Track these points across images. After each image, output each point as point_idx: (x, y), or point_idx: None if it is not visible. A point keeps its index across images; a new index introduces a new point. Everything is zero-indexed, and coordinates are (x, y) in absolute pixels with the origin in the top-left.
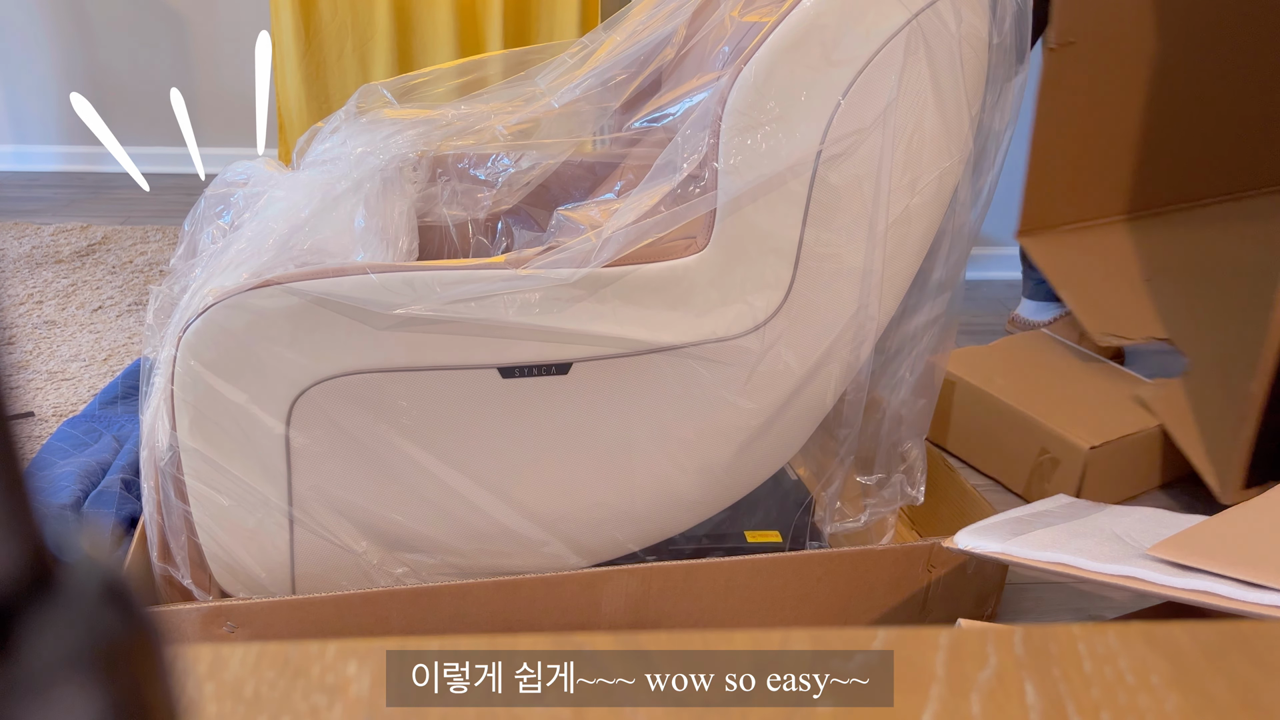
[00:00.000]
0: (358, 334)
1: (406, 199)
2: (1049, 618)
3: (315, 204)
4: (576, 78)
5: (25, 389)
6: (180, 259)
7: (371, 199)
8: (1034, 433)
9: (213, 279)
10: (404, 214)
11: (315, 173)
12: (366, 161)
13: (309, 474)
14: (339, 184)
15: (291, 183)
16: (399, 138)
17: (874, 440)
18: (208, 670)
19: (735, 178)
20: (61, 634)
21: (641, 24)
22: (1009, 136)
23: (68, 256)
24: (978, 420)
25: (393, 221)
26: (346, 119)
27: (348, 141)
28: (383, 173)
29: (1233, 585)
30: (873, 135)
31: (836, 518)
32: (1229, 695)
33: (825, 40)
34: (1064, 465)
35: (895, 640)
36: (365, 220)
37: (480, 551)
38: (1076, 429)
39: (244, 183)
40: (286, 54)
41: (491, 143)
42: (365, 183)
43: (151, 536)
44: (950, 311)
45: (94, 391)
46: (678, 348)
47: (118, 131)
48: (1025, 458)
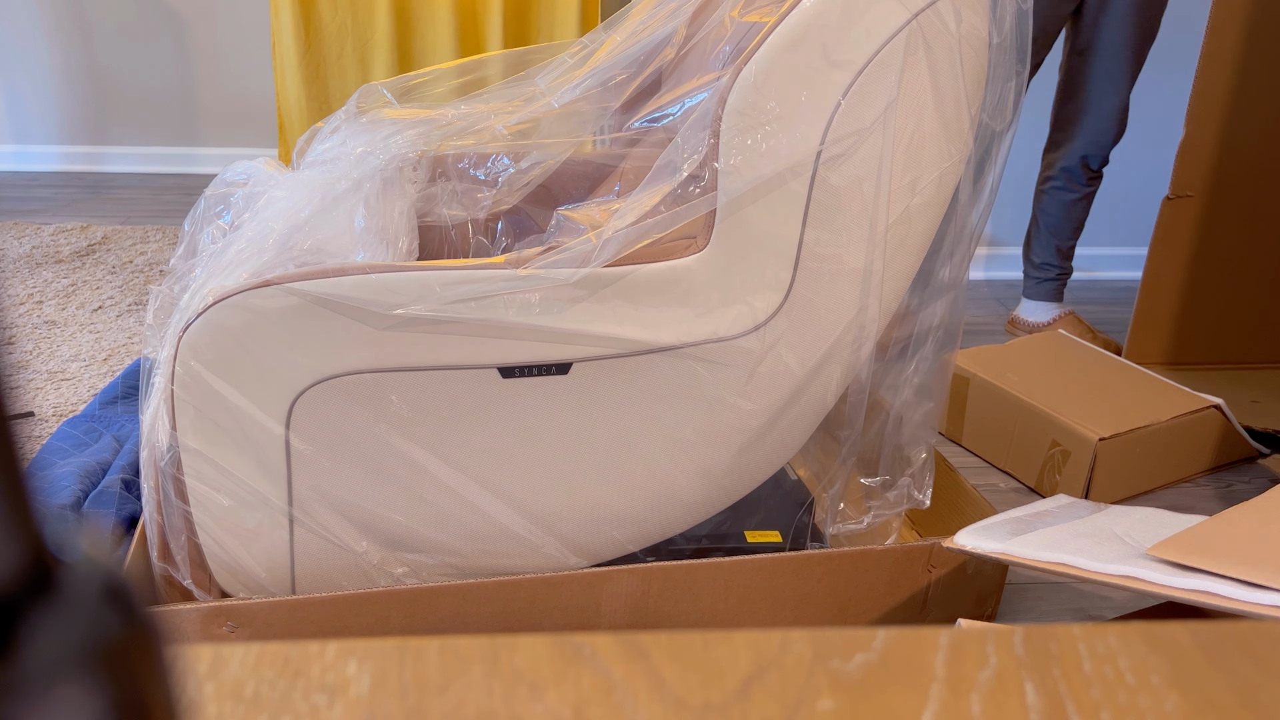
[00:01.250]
0: (358, 334)
1: (406, 199)
2: (1049, 618)
3: (315, 204)
4: (577, 78)
5: (25, 389)
6: (180, 259)
7: (371, 199)
8: (1046, 426)
9: (212, 279)
10: (404, 214)
11: (315, 173)
12: (366, 161)
13: (309, 474)
14: (339, 184)
15: (291, 183)
16: (399, 138)
17: (878, 442)
18: (208, 670)
19: (735, 178)
20: (62, 634)
21: (641, 24)
22: (1010, 136)
23: (68, 256)
24: (992, 415)
25: (393, 221)
26: (346, 119)
27: (348, 141)
28: (383, 173)
29: (1233, 585)
30: (873, 136)
31: (839, 519)
32: (1229, 695)
33: (825, 41)
34: (1075, 457)
35: (895, 640)
36: (365, 220)
37: (480, 552)
38: (1087, 421)
39: (244, 183)
40: (286, 54)
41: (491, 143)
42: (365, 183)
43: (151, 536)
44: (954, 313)
45: (94, 391)
46: (678, 348)
47: (118, 131)
48: (1037, 451)
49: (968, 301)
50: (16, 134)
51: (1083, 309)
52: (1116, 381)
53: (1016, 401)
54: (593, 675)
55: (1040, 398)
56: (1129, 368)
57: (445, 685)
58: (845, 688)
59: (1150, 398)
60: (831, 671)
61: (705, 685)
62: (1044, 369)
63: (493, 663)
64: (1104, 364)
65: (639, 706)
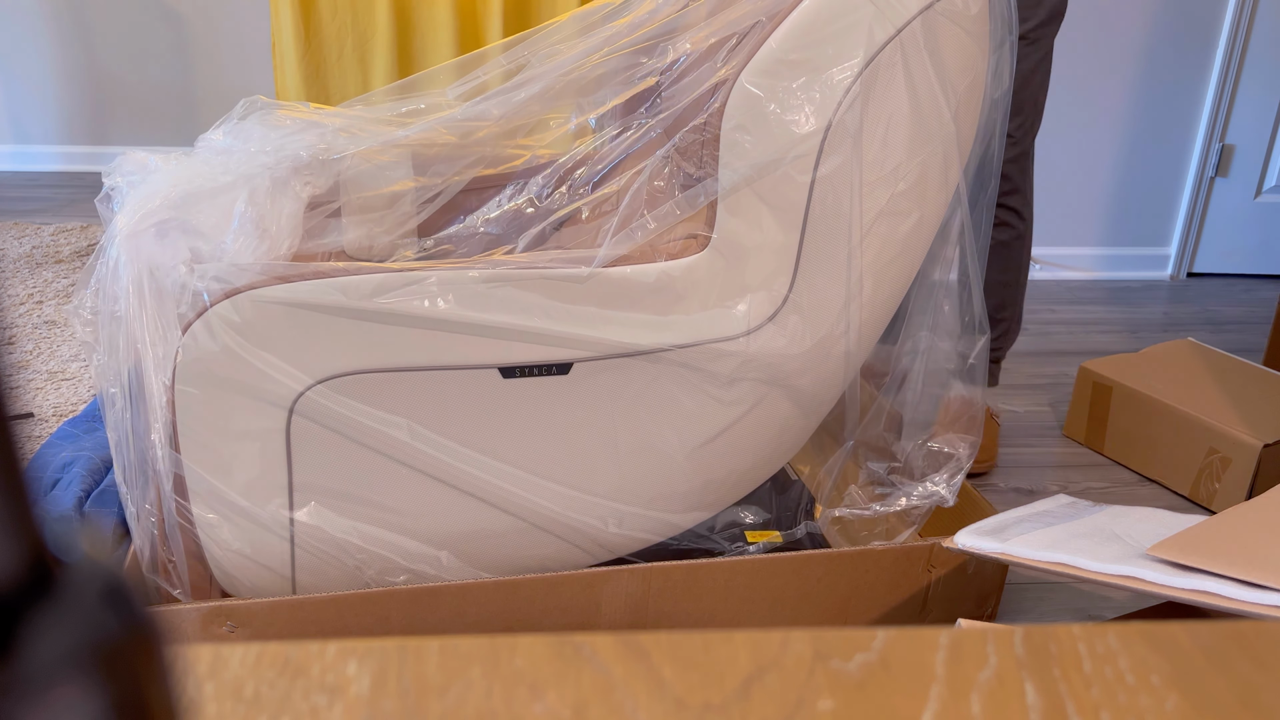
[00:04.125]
0: (358, 335)
1: (297, 202)
2: (1049, 618)
3: (194, 186)
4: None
5: (25, 389)
6: (87, 269)
7: (258, 194)
8: (1202, 433)
9: (111, 276)
10: (291, 215)
11: (198, 160)
12: (257, 158)
13: (309, 474)
14: (222, 176)
15: (173, 167)
16: (293, 139)
17: (895, 431)
18: (208, 670)
19: (733, 179)
20: (62, 634)
21: (647, 16)
22: (1006, 103)
23: (68, 256)
24: (1137, 423)
25: (277, 221)
26: (239, 118)
27: (239, 136)
28: (272, 171)
29: (1233, 585)
30: (874, 135)
31: (846, 503)
32: (1229, 695)
33: (824, 41)
34: (1235, 464)
35: (895, 640)
36: (245, 209)
37: (480, 551)
38: (1246, 428)
39: (127, 177)
40: (286, 54)
41: (387, 152)
42: (254, 178)
43: (152, 536)
44: (963, 309)
45: (94, 391)
46: (677, 348)
47: (118, 131)
48: (1192, 459)
49: None
50: (16, 134)
51: (1083, 309)
52: (1264, 388)
53: (1167, 409)
54: (593, 675)
55: (1192, 405)
56: (1271, 375)
57: (445, 685)
58: (845, 688)
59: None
60: (831, 671)
61: (705, 685)
62: (1187, 376)
63: (493, 663)
64: (1244, 371)
65: (639, 706)
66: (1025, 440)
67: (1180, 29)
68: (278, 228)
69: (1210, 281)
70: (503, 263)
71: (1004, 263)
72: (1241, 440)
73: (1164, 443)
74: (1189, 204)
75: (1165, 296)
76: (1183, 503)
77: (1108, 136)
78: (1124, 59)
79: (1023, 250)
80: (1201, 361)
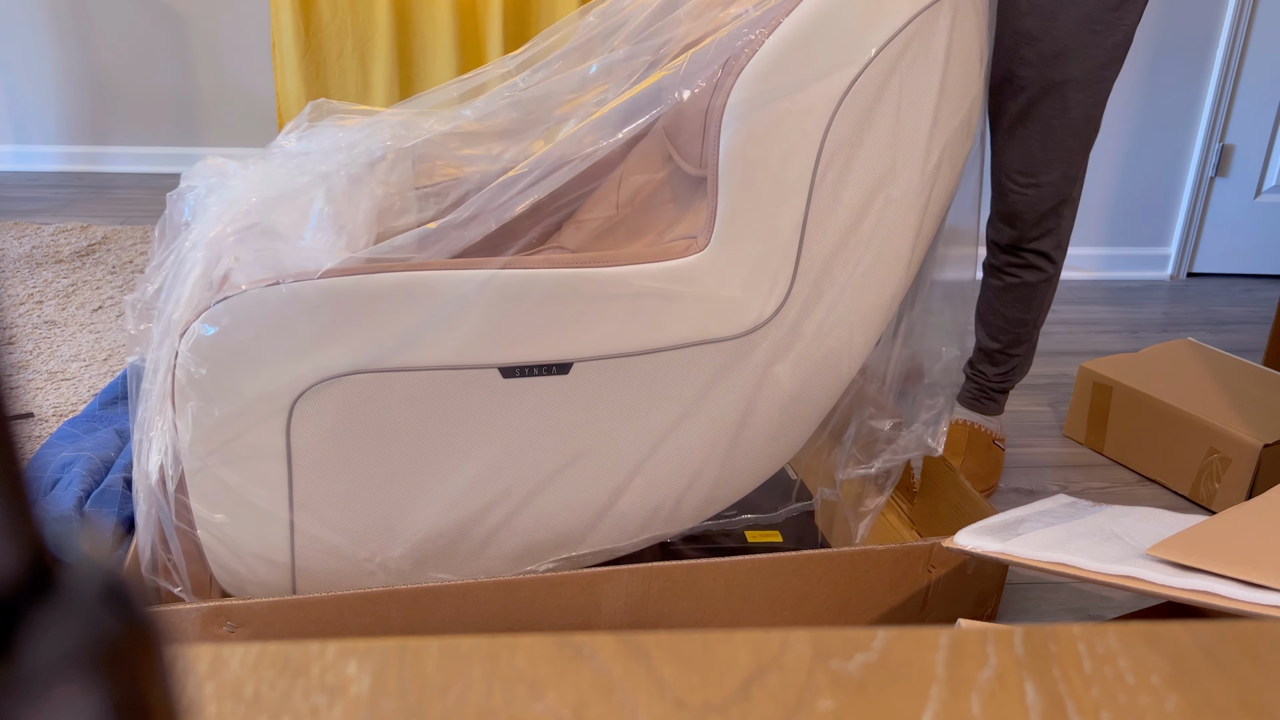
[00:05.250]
0: (357, 334)
1: (372, 199)
2: (1049, 618)
3: (272, 192)
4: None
5: (25, 389)
6: (153, 266)
7: (335, 191)
8: (1202, 433)
9: (179, 277)
10: (368, 213)
11: (274, 165)
12: (333, 157)
13: (309, 474)
14: (300, 176)
15: (248, 174)
16: (368, 135)
17: (894, 387)
18: (208, 670)
19: (735, 178)
20: (61, 634)
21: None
22: (983, 103)
23: (68, 256)
24: (1138, 423)
25: (354, 218)
26: (309, 123)
27: (313, 138)
28: (348, 169)
29: (1233, 585)
30: (874, 135)
31: (849, 464)
32: (1229, 695)
33: (828, 38)
34: (1235, 464)
35: (895, 640)
36: (323, 207)
37: (479, 550)
38: (1246, 428)
39: (205, 180)
40: (286, 54)
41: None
42: (331, 176)
43: (151, 536)
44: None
45: (94, 391)
46: (678, 347)
47: (118, 131)
48: (1192, 459)
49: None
50: (16, 134)
51: (1083, 309)
52: (1263, 388)
53: (1167, 409)
54: (593, 675)
55: (1192, 404)
56: (1271, 375)
57: (445, 685)
58: (845, 688)
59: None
60: (831, 671)
61: (705, 685)
62: (1186, 376)
63: (493, 663)
64: (1244, 371)
65: (639, 706)
66: (1025, 440)
67: (1180, 29)
68: (354, 224)
69: (1210, 281)
70: (502, 262)
71: (1027, 302)
72: (1241, 440)
73: (1164, 443)
74: (1189, 204)
75: (1165, 296)
76: (1183, 503)
77: (1108, 137)
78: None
79: (1049, 292)
80: (1201, 361)
